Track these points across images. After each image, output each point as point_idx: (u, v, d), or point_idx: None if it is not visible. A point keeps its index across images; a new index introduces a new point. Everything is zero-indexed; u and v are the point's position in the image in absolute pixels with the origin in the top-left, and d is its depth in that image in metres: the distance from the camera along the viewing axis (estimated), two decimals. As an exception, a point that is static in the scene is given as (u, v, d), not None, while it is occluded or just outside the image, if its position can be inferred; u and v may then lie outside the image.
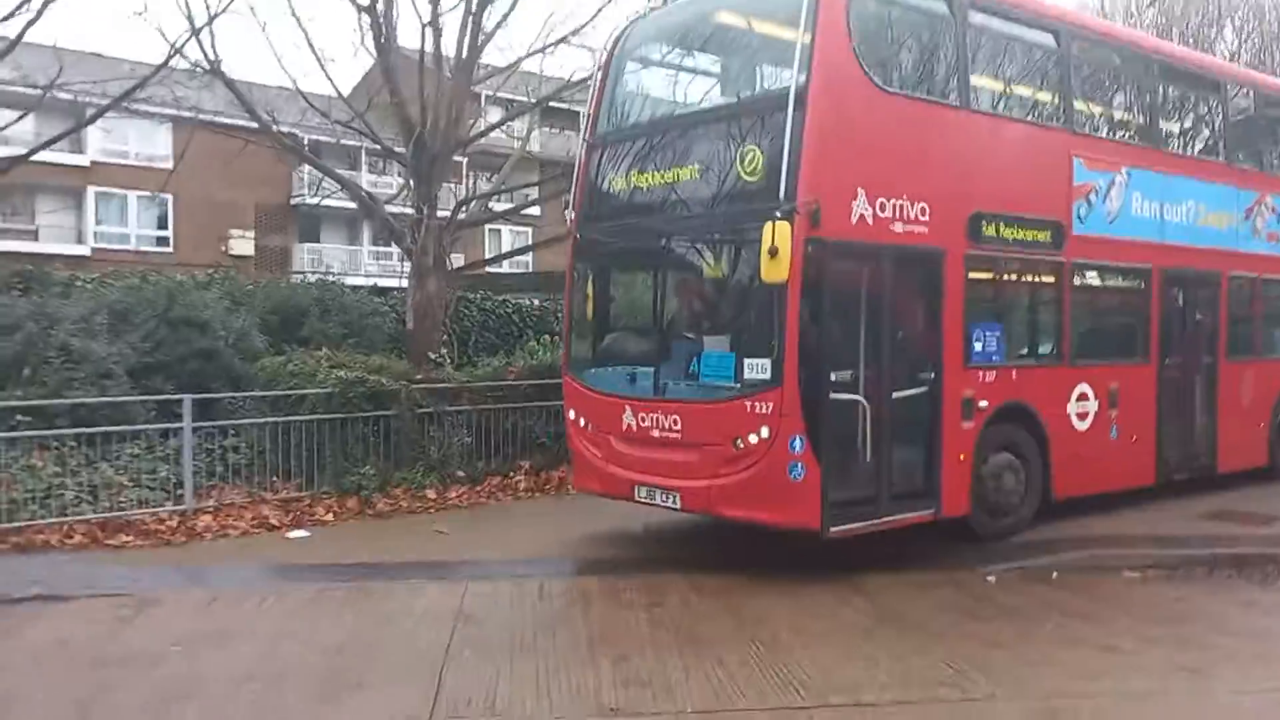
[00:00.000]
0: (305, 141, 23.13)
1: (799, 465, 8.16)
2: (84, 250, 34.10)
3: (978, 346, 9.44)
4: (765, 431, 8.18)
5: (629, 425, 9.21)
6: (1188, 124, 12.81)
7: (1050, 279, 10.40)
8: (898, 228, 8.70)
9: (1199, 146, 12.87)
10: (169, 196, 33.56)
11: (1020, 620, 7.46)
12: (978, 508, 9.56)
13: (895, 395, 8.86)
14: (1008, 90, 10.28)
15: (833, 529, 8.32)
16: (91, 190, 35.40)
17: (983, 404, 9.44)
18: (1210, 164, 12.40)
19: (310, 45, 27.87)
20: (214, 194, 33.80)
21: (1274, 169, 13.46)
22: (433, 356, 14.52)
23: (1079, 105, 10.66)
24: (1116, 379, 10.85)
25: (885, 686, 6.13)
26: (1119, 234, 10.80)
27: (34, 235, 34.45)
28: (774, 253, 7.78)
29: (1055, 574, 8.72)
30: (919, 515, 9.04)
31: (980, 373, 9.43)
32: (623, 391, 9.33)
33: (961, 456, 9.27)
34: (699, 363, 8.78)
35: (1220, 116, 12.66)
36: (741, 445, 8.32)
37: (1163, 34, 28.00)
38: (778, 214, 7.93)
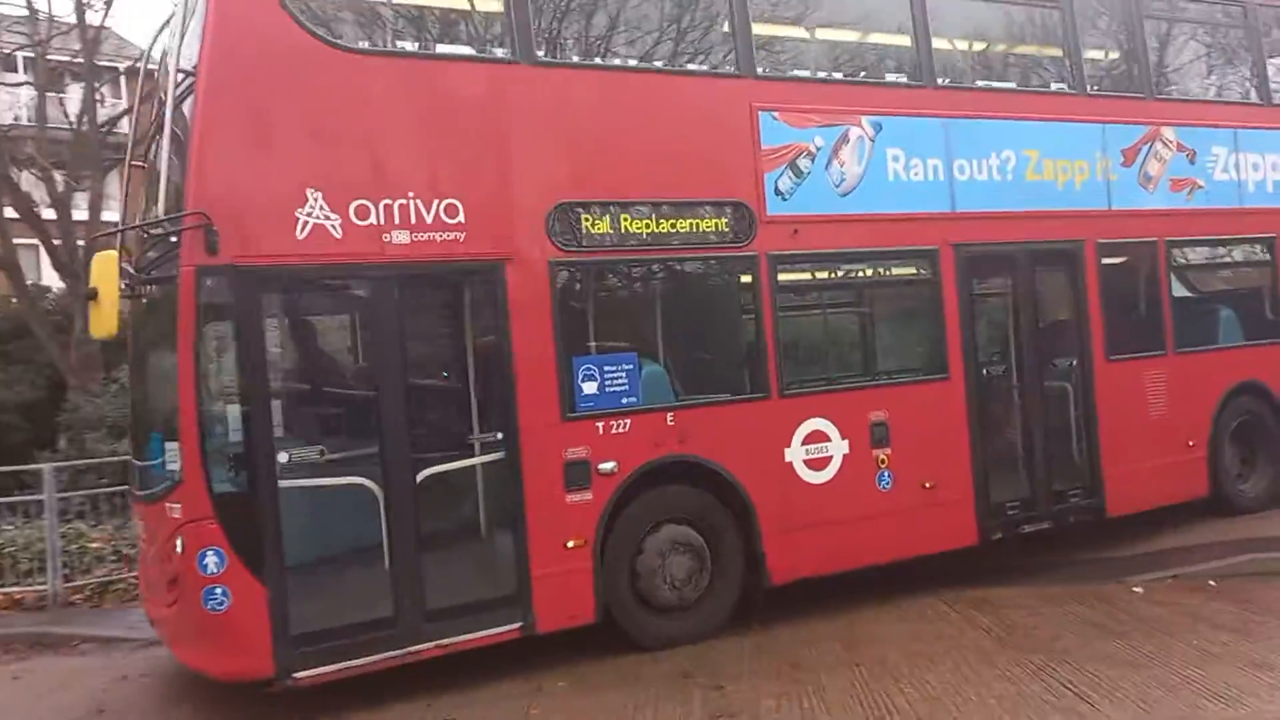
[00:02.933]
0: None
1: (217, 590, 5.75)
2: None
3: (588, 388, 6.76)
4: (180, 544, 5.84)
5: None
6: (997, 37, 9.45)
7: (733, 281, 7.59)
8: (399, 238, 6.21)
9: (1020, 70, 9.55)
10: None
11: (1160, 636, 6.64)
12: (630, 608, 6.87)
13: (432, 470, 6.34)
14: (625, 30, 7.52)
15: (298, 675, 5.87)
16: None
17: (607, 467, 6.74)
18: (1047, 96, 9.17)
19: None
20: None
21: (1172, 88, 10.04)
22: None
23: (763, 33, 7.76)
24: (884, 406, 7.86)
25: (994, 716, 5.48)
26: (864, 209, 7.84)
27: None
28: (93, 296, 5.48)
29: (1212, 582, 7.78)
30: (494, 633, 6.44)
31: (597, 424, 6.76)
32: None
33: (571, 543, 6.62)
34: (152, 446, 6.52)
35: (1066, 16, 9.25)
36: (170, 563, 6.01)
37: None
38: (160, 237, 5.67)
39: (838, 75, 8.29)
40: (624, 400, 6.88)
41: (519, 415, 6.52)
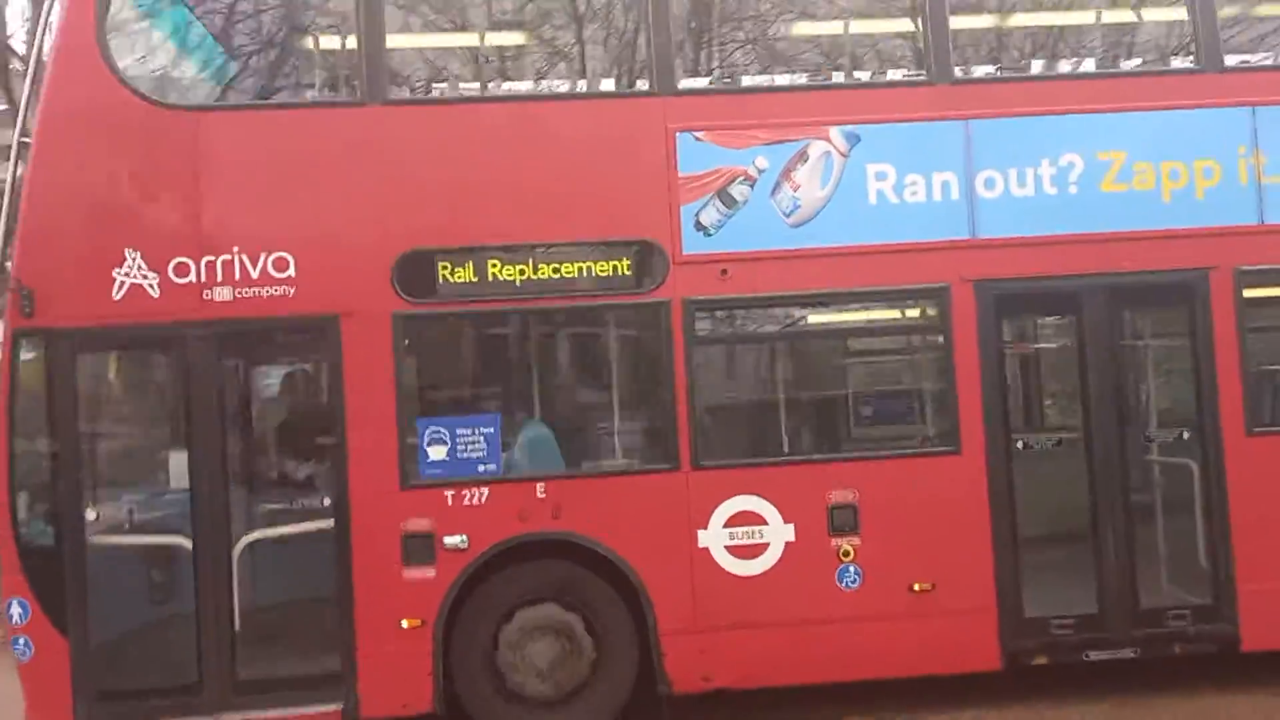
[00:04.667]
0: None
1: (20, 640, 5.94)
2: None
3: (435, 453, 6.14)
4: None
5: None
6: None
7: (637, 332, 6.47)
8: (222, 294, 6.06)
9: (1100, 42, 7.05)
10: None
11: None
12: (491, 701, 6.14)
13: (256, 535, 6.12)
14: (505, 53, 6.63)
15: (93, 731, 5.91)
16: None
17: (455, 541, 6.06)
18: (1148, 79, 6.81)
19: None
20: None
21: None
22: None
23: (689, 41, 6.52)
24: (851, 485, 6.29)
25: None
26: (827, 241, 6.35)
27: None
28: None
29: None
30: (310, 713, 6.04)
31: (445, 493, 6.10)
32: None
33: (407, 623, 6.04)
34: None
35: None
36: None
37: None
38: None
39: (798, 79, 6.83)
40: (480, 468, 6.16)
41: (349, 481, 6.08)
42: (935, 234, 6.42)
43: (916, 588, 6.29)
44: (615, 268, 6.29)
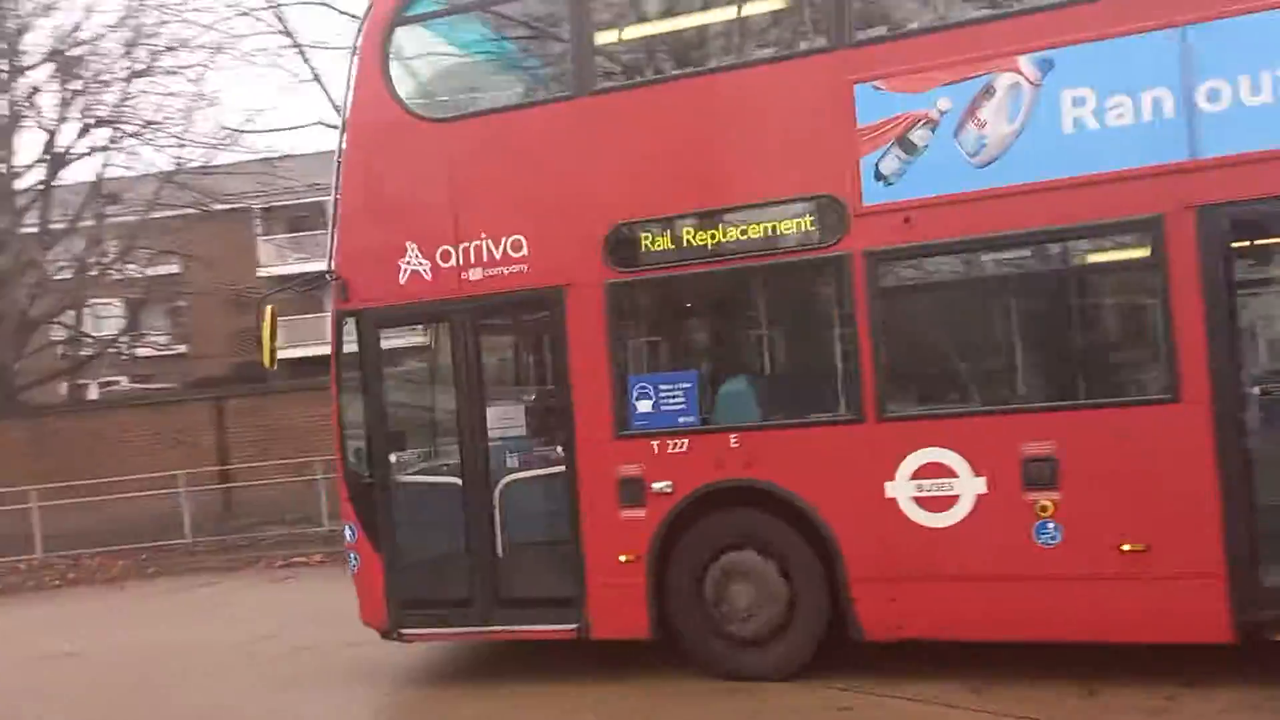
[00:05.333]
0: None
1: (352, 555, 7.57)
2: None
3: (641, 406, 6.76)
4: (349, 519, 7.79)
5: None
6: None
7: (820, 287, 6.46)
8: (474, 275, 7.16)
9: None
10: None
11: None
12: (702, 632, 6.73)
13: (512, 478, 7.20)
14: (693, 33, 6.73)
15: (404, 631, 7.39)
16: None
17: (662, 486, 6.69)
18: None
19: None
20: None
21: None
22: None
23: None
24: (1050, 437, 5.89)
25: None
26: (1017, 179, 5.94)
27: None
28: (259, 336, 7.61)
29: None
30: (553, 630, 7.06)
31: (653, 442, 6.72)
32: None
33: (625, 557, 6.80)
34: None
35: None
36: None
37: None
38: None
39: (979, 11, 6.28)
40: (681, 420, 6.69)
41: (577, 430, 6.92)
42: (1147, 159, 5.75)
43: (1127, 548, 5.77)
44: (798, 225, 6.45)
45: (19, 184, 21.49)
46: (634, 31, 7.42)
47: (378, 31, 7.41)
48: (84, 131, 21.54)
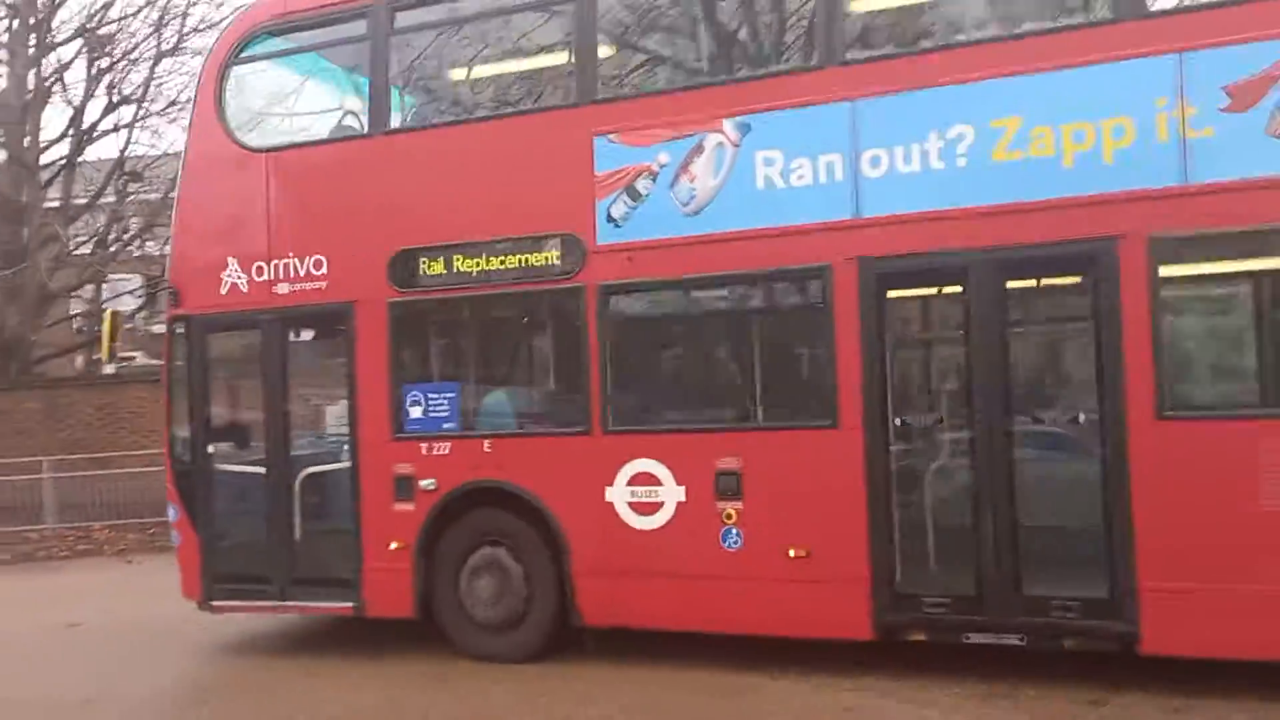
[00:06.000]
0: None
1: (174, 533, 8.51)
2: None
3: (414, 411, 7.67)
4: (171, 500, 8.73)
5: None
6: None
7: (563, 314, 7.34)
8: (283, 289, 8.08)
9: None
10: None
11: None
12: (455, 616, 7.62)
13: (308, 470, 8.11)
14: (469, 85, 7.60)
15: (214, 602, 8.32)
16: None
17: (428, 483, 7.60)
18: (1047, 37, 6.22)
19: None
20: None
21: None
22: None
23: (608, 53, 7.12)
24: (734, 453, 6.77)
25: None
26: (718, 226, 6.81)
27: None
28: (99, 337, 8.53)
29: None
30: (334, 606, 7.98)
31: (422, 444, 7.63)
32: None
33: (394, 545, 7.70)
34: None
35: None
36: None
37: None
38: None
39: (697, 77, 7.13)
40: (444, 425, 7.59)
41: (361, 432, 7.83)
42: (820, 215, 6.61)
43: (793, 553, 6.64)
44: (547, 259, 7.33)
45: (44, 158, 21.97)
46: (422, 82, 8.32)
47: (215, 70, 8.35)
48: (110, 108, 22.02)
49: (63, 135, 22.18)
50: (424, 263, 7.67)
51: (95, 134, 22.36)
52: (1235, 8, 5.86)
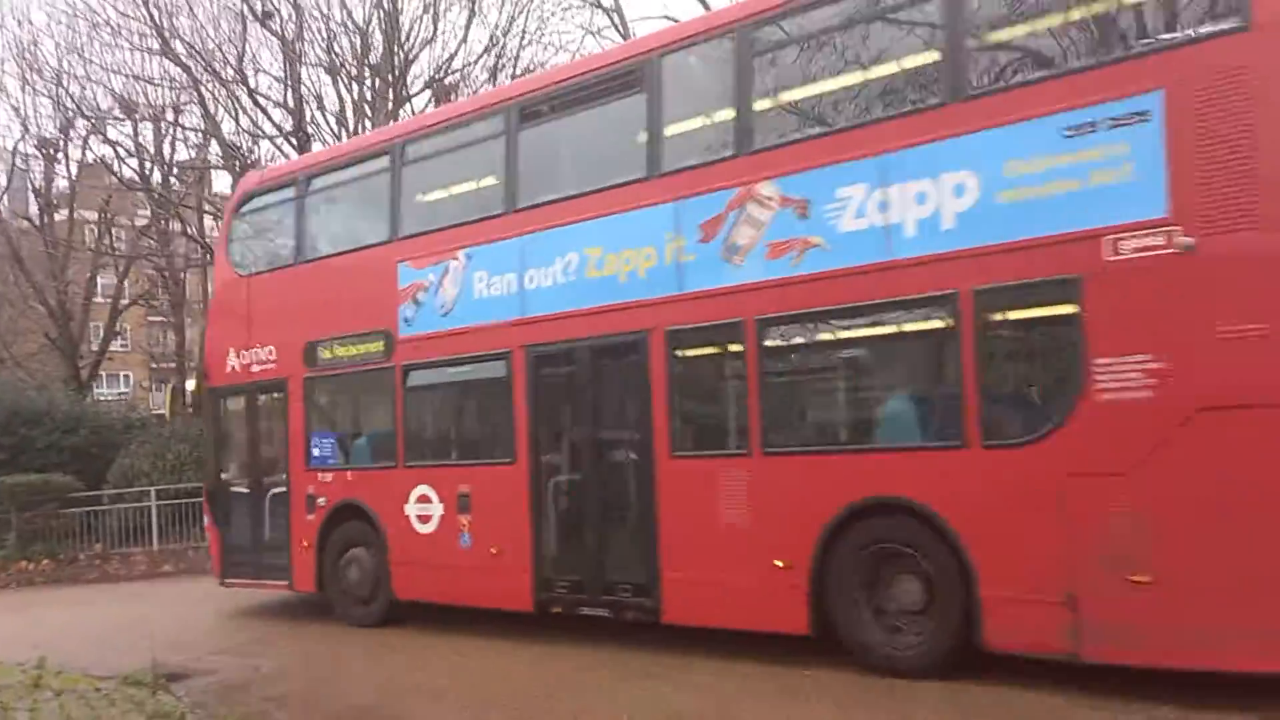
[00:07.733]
0: None
1: (207, 534, 12.60)
2: None
3: (316, 452, 11.27)
4: (219, 510, 12.83)
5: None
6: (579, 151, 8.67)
7: (384, 386, 10.56)
8: (255, 369, 11.98)
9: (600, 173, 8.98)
10: None
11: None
12: (338, 593, 11.11)
13: (273, 491, 11.93)
14: (343, 229, 11.00)
15: (226, 579, 12.30)
16: None
17: (321, 500, 11.17)
18: (607, 192, 8.84)
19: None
20: None
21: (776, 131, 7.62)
22: None
23: (406, 209, 10.35)
24: (466, 481, 9.79)
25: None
26: (458, 323, 9.89)
27: None
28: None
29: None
30: (277, 584, 11.69)
31: (319, 474, 11.22)
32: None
33: (305, 543, 11.34)
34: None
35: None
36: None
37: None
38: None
39: (451, 222, 10.13)
40: (329, 461, 11.14)
41: (291, 464, 11.52)
42: (504, 315, 9.54)
43: (493, 550, 9.56)
44: (375, 347, 10.70)
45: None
46: (323, 226, 11.97)
47: (227, 220, 12.55)
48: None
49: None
50: (319, 350, 11.28)
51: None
52: (705, 168, 8.28)
